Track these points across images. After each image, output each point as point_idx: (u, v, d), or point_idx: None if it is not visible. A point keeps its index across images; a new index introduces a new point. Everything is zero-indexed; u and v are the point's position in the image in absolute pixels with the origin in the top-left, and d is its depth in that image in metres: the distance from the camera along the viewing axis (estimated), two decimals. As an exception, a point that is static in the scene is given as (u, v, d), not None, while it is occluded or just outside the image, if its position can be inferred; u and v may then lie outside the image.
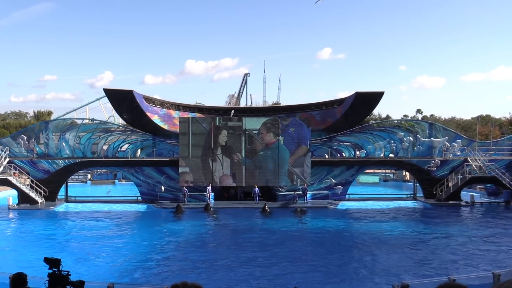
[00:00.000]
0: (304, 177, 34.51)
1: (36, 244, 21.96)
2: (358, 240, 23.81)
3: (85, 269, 16.91)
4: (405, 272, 17.19)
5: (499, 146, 36.94)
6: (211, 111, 42.01)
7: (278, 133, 34.25)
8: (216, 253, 20.49)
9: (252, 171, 34.29)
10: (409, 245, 22.03)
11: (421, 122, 43.35)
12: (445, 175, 35.75)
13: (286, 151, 34.31)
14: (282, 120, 35.27)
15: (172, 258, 19.84)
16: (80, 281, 5.54)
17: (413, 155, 36.40)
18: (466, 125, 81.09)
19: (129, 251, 20.88)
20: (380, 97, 38.18)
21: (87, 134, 36.31)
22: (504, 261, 18.75)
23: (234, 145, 34.15)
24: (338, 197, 35.91)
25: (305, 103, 42.09)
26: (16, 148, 35.17)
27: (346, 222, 29.07)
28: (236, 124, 34.39)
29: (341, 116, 38.31)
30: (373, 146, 36.62)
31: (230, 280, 16.42)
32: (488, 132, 59.84)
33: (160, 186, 35.54)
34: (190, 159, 34.10)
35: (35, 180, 34.25)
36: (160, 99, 40.09)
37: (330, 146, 37.26)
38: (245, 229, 26.22)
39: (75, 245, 21.94)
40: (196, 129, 34.12)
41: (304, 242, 23.60)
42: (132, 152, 36.73)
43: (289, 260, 19.12)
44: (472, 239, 23.30)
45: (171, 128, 37.76)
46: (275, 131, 34.30)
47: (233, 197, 36.38)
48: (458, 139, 36.61)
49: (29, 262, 16.75)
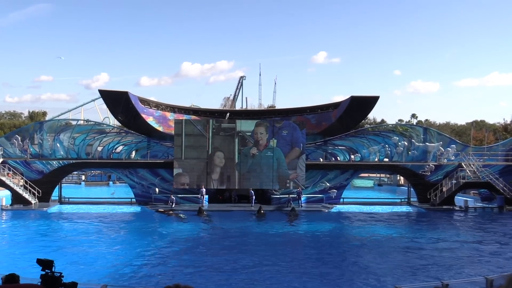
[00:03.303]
0: (298, 180, 34.55)
1: (29, 245, 21.84)
2: (350, 244, 23.85)
3: (78, 270, 16.80)
4: (398, 277, 17.19)
5: (493, 152, 37.08)
6: (206, 113, 41.97)
7: (271, 136, 34.42)
8: (212, 257, 20.43)
9: (245, 174, 34.37)
10: (402, 250, 22.07)
11: (416, 126, 43.46)
12: (439, 180, 35.86)
13: (281, 153, 34.39)
14: (275, 122, 35.42)
15: (166, 261, 19.77)
16: (73, 282, 5.50)
17: (407, 159, 36.49)
18: (461, 130, 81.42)
19: (122, 253, 20.80)
20: (375, 101, 38.30)
21: (81, 135, 36.14)
22: (497, 266, 18.81)
23: (227, 148, 34.25)
24: (332, 200, 35.93)
25: (300, 107, 42.14)
26: (10, 149, 34.98)
27: (340, 225, 29.08)
28: (230, 126, 34.53)
29: (336, 120, 38.37)
30: (368, 150, 36.69)
31: (224, 284, 16.38)
32: (483, 138, 60.24)
33: (154, 188, 35.46)
34: (183, 160, 34.08)
35: (29, 180, 34.06)
36: (156, 101, 39.99)
37: (325, 150, 37.29)
38: (239, 233, 26.18)
39: (68, 246, 21.80)
40: (191, 131, 34.17)
41: (297, 245, 23.61)
42: (126, 154, 36.61)
43: (280, 265, 19.10)
44: (465, 244, 23.36)
45: (166, 130, 37.67)
46: (269, 134, 34.46)
47: (227, 200, 36.33)
48: (452, 144, 36.75)
49: (22, 263, 16.66)
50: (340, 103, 39.38)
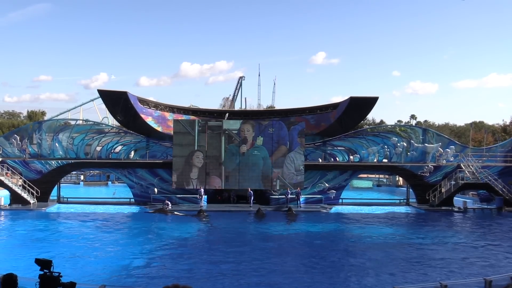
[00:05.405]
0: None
1: (27, 244, 21.81)
2: (349, 244, 23.85)
3: (76, 270, 16.78)
4: (396, 278, 17.19)
5: (492, 153, 37.11)
6: (205, 113, 41.97)
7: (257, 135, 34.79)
8: (211, 257, 20.42)
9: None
10: (400, 250, 22.05)
11: (415, 127, 43.48)
12: (438, 180, 35.88)
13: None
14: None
15: (165, 261, 19.76)
16: (71, 282, 5.50)
17: (406, 160, 36.51)
18: (460, 131, 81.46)
19: (121, 253, 20.77)
20: (374, 102, 38.33)
21: (80, 135, 36.14)
22: (496, 267, 18.80)
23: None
24: (331, 201, 35.95)
25: (299, 107, 42.17)
26: (8, 148, 34.97)
27: (339, 226, 29.05)
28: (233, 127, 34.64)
29: (335, 121, 38.40)
30: (367, 151, 36.71)
31: (224, 285, 16.38)
32: (482, 139, 60.23)
33: (153, 188, 35.44)
34: (179, 160, 34.13)
35: (28, 180, 34.03)
36: (155, 101, 39.96)
37: (324, 151, 37.30)
38: (238, 233, 26.18)
39: (66, 246, 21.75)
40: (187, 130, 34.46)
41: (296, 246, 23.61)
42: (125, 154, 36.59)
43: (280, 265, 19.10)
44: (464, 245, 23.38)
45: (165, 130, 37.66)
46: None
47: (226, 200, 36.33)
48: (451, 145, 36.79)
49: (20, 263, 16.62)
50: (339, 103, 39.41)
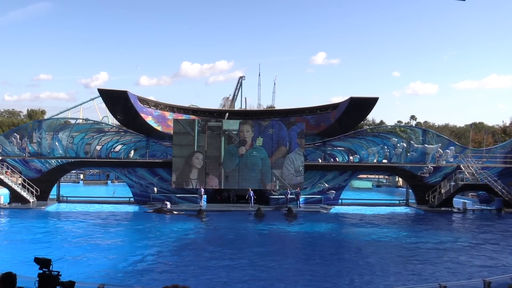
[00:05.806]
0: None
1: (27, 243, 21.78)
2: (348, 245, 23.85)
3: (75, 269, 16.76)
4: (396, 278, 17.19)
5: (491, 154, 37.11)
6: (205, 113, 41.97)
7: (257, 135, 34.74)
8: (210, 257, 20.42)
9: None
10: (400, 251, 22.07)
11: (415, 128, 43.51)
12: (437, 181, 35.89)
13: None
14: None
15: (164, 261, 19.76)
16: (71, 281, 5.50)
17: (406, 161, 36.53)
18: (460, 132, 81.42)
19: (120, 252, 20.76)
20: (375, 102, 38.29)
21: (80, 134, 36.17)
22: (495, 268, 18.81)
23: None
24: (331, 201, 35.95)
25: (299, 107, 42.13)
26: (8, 147, 34.97)
27: (338, 226, 29.07)
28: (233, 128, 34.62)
29: (335, 121, 38.37)
30: (367, 152, 36.72)
31: (224, 285, 16.37)
32: (481, 140, 60.21)
33: (153, 187, 35.44)
34: (179, 160, 34.12)
35: (27, 179, 34.04)
36: (155, 101, 39.97)
37: (323, 151, 37.31)
38: (238, 233, 26.15)
39: (66, 245, 21.77)
40: (186, 130, 34.43)
41: (295, 246, 23.63)
42: (125, 153, 36.59)
43: (279, 265, 19.10)
44: (463, 246, 23.37)
45: (165, 130, 37.65)
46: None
47: (226, 200, 36.32)
48: (451, 146, 36.80)
49: (19, 262, 16.61)
50: (339, 104, 39.39)
